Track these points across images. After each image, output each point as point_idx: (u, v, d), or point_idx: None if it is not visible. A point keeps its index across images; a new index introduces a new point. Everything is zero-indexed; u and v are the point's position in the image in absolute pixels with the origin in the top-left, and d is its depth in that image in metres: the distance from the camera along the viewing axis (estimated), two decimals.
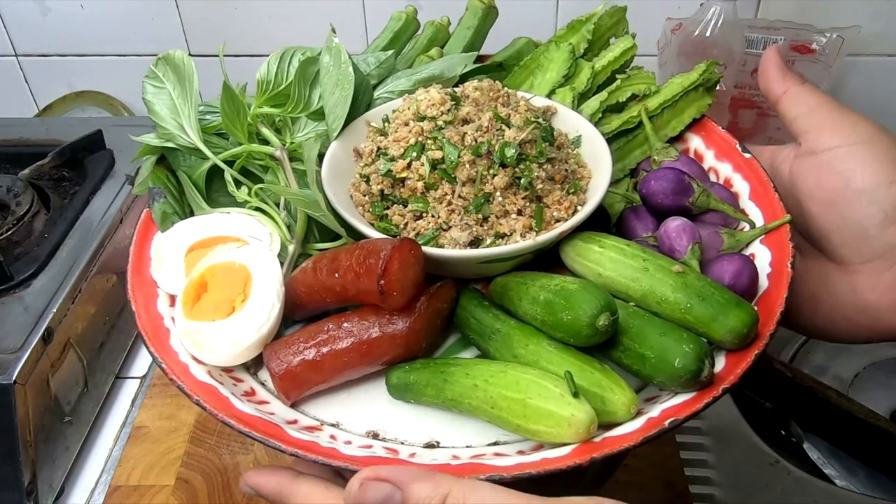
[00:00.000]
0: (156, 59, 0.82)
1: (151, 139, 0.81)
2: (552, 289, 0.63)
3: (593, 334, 0.60)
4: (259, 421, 0.61)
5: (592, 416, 0.57)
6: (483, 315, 0.68)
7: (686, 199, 0.73)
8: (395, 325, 0.65)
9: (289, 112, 0.80)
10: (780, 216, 0.72)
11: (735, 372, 0.59)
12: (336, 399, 0.68)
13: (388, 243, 0.63)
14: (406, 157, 0.71)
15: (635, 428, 0.58)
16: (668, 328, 0.61)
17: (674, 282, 0.63)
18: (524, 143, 0.70)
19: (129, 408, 1.06)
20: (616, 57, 0.86)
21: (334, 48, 0.79)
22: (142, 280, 0.73)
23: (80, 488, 0.97)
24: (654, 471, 0.94)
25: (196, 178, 0.79)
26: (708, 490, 0.99)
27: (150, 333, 0.67)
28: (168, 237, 0.74)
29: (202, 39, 1.40)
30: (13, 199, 1.10)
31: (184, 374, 0.64)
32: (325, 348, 0.65)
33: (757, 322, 0.61)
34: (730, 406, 1.08)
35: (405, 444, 0.64)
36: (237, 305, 0.68)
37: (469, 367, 0.64)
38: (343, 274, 0.65)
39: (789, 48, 1.21)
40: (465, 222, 0.69)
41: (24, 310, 0.95)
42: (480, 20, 0.94)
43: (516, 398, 0.59)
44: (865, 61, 1.30)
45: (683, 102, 0.83)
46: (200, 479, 0.95)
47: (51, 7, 1.40)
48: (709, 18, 1.15)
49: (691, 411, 0.57)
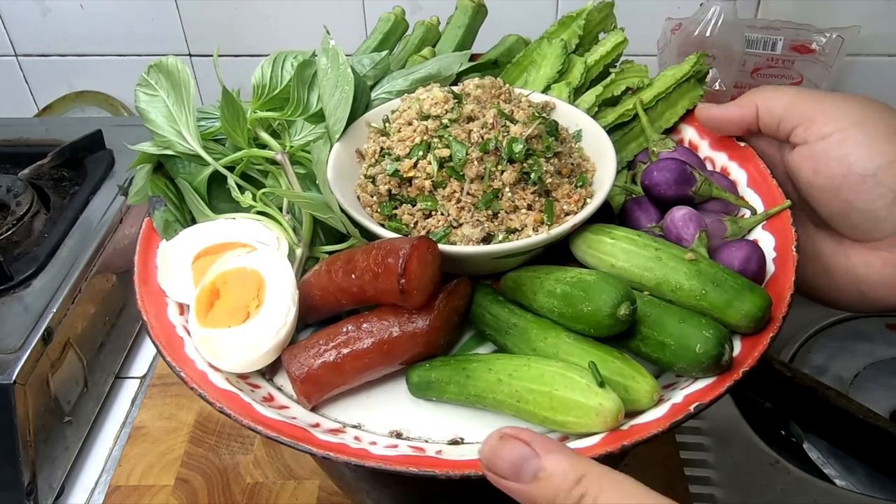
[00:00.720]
0: (147, 66, 0.81)
1: (148, 147, 0.80)
2: (569, 281, 0.64)
3: (614, 324, 0.61)
4: (285, 426, 0.60)
5: (619, 404, 0.58)
6: (499, 310, 0.69)
7: (688, 188, 0.75)
8: (415, 324, 0.65)
9: (288, 115, 0.80)
10: (779, 202, 0.74)
11: (753, 355, 0.61)
12: (356, 401, 0.68)
13: (405, 242, 0.63)
14: (412, 156, 0.71)
15: (661, 414, 0.59)
16: (686, 315, 0.62)
17: (687, 269, 0.65)
18: (531, 139, 0.71)
19: (129, 408, 1.06)
20: (608, 51, 0.88)
21: (331, 50, 0.79)
22: (150, 290, 0.72)
23: (80, 488, 0.97)
24: (654, 471, 0.95)
25: (197, 185, 0.78)
26: (708, 490, 0.99)
27: (164, 343, 0.67)
28: (174, 245, 0.73)
29: (202, 39, 1.40)
30: (13, 199, 1.10)
31: (204, 383, 0.64)
32: (345, 349, 0.65)
33: (770, 305, 0.62)
34: (730, 406, 1.08)
35: (429, 441, 0.64)
36: (252, 311, 0.67)
37: (491, 362, 0.64)
38: (360, 275, 0.65)
39: (789, 48, 1.22)
40: (475, 219, 0.69)
41: (24, 310, 0.95)
42: (471, 19, 0.94)
43: (542, 391, 0.60)
44: (865, 61, 1.32)
45: (676, 94, 0.85)
46: (200, 479, 0.96)
47: (51, 7, 1.39)
48: (709, 18, 1.16)
49: (715, 395, 0.59)
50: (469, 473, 0.56)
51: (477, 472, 0.55)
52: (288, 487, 0.94)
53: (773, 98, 0.75)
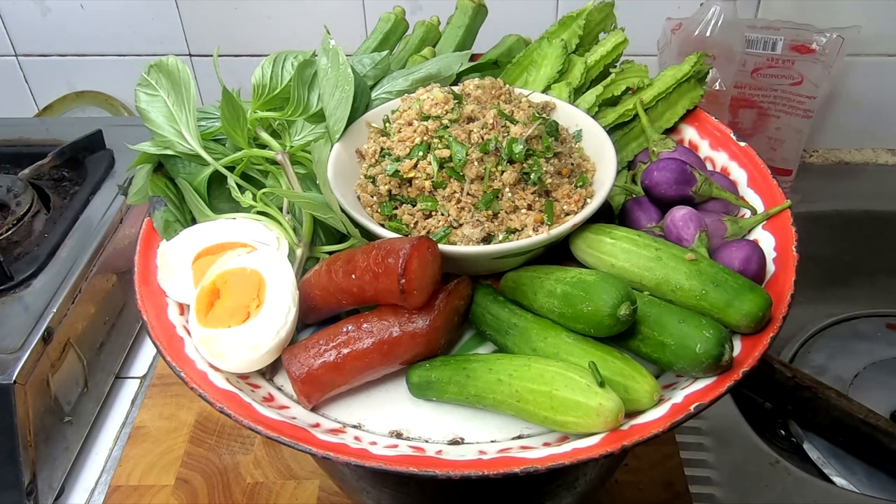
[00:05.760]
0: (147, 66, 0.81)
1: (148, 147, 0.80)
2: (569, 281, 0.64)
3: (615, 324, 0.61)
4: (285, 426, 0.60)
5: (620, 404, 0.58)
6: (499, 310, 0.69)
7: (689, 188, 0.75)
8: (415, 324, 0.65)
9: (288, 115, 0.80)
10: (779, 202, 0.74)
11: (753, 355, 0.61)
12: (356, 401, 0.68)
13: (405, 242, 0.63)
14: (412, 156, 0.71)
15: (661, 414, 0.59)
16: (686, 315, 0.62)
17: (687, 269, 0.65)
18: (530, 139, 0.71)
19: (129, 408, 1.06)
20: (608, 51, 0.88)
21: (331, 49, 0.79)
22: (150, 290, 0.72)
23: (80, 488, 0.97)
24: (654, 471, 0.95)
25: (197, 185, 0.78)
26: (708, 490, 0.99)
27: (164, 343, 0.67)
28: (174, 245, 0.73)
29: (202, 39, 1.40)
30: (13, 199, 1.09)
31: (204, 383, 0.64)
32: (345, 349, 0.65)
33: (771, 305, 0.63)
34: (730, 406, 1.08)
35: (429, 441, 0.64)
36: (252, 311, 0.67)
37: (491, 362, 0.64)
38: (360, 275, 0.65)
39: (789, 48, 1.22)
40: (475, 219, 0.69)
41: (24, 310, 0.95)
42: (471, 19, 0.94)
43: (542, 391, 0.60)
44: (865, 61, 1.32)
45: (676, 94, 0.85)
46: (200, 479, 0.96)
47: (51, 7, 1.39)
48: (709, 18, 1.16)
49: (715, 395, 0.59)
50: (469, 473, 0.56)
51: (477, 471, 0.55)
52: (288, 487, 0.94)
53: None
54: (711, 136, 0.83)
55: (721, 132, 0.83)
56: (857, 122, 1.39)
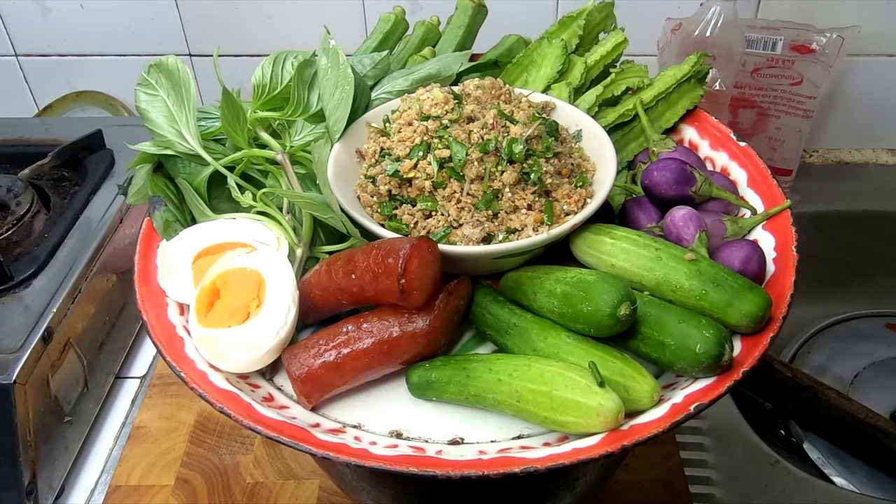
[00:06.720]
0: (147, 66, 0.81)
1: (148, 147, 0.80)
2: (569, 281, 0.64)
3: (615, 324, 0.61)
4: (285, 426, 0.60)
5: (620, 404, 0.58)
6: (499, 310, 0.69)
7: (689, 188, 0.75)
8: (415, 324, 0.65)
9: (288, 115, 0.80)
10: (779, 202, 0.74)
11: (753, 355, 0.61)
12: (356, 401, 0.68)
13: (405, 242, 0.63)
14: (412, 156, 0.71)
15: (661, 414, 0.59)
16: (686, 315, 0.62)
17: (687, 269, 0.65)
18: (530, 139, 0.71)
19: (129, 408, 1.06)
20: (608, 51, 0.88)
21: (331, 50, 0.79)
22: (150, 290, 0.72)
23: (80, 488, 0.97)
24: (654, 471, 0.95)
25: (197, 185, 0.78)
26: (708, 490, 0.99)
27: (164, 343, 0.67)
28: (174, 245, 0.73)
29: (202, 39, 1.40)
30: (13, 199, 1.10)
31: (204, 383, 0.64)
32: (345, 349, 0.65)
33: (771, 305, 0.63)
34: (730, 406, 1.08)
35: (429, 441, 0.64)
36: (252, 311, 0.67)
37: (491, 362, 0.64)
38: (360, 275, 0.65)
39: (789, 48, 1.22)
40: (475, 219, 0.69)
41: (24, 310, 0.95)
42: (471, 19, 0.94)
43: (542, 391, 0.60)
44: (865, 61, 1.32)
45: (676, 94, 0.85)
46: (200, 479, 0.96)
47: (51, 7, 1.39)
48: (709, 18, 1.16)
49: (715, 395, 0.59)
50: (469, 473, 0.56)
51: (477, 471, 0.55)
52: (288, 487, 0.94)
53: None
54: (711, 136, 0.83)
55: (721, 132, 0.83)
56: (856, 122, 1.39)
